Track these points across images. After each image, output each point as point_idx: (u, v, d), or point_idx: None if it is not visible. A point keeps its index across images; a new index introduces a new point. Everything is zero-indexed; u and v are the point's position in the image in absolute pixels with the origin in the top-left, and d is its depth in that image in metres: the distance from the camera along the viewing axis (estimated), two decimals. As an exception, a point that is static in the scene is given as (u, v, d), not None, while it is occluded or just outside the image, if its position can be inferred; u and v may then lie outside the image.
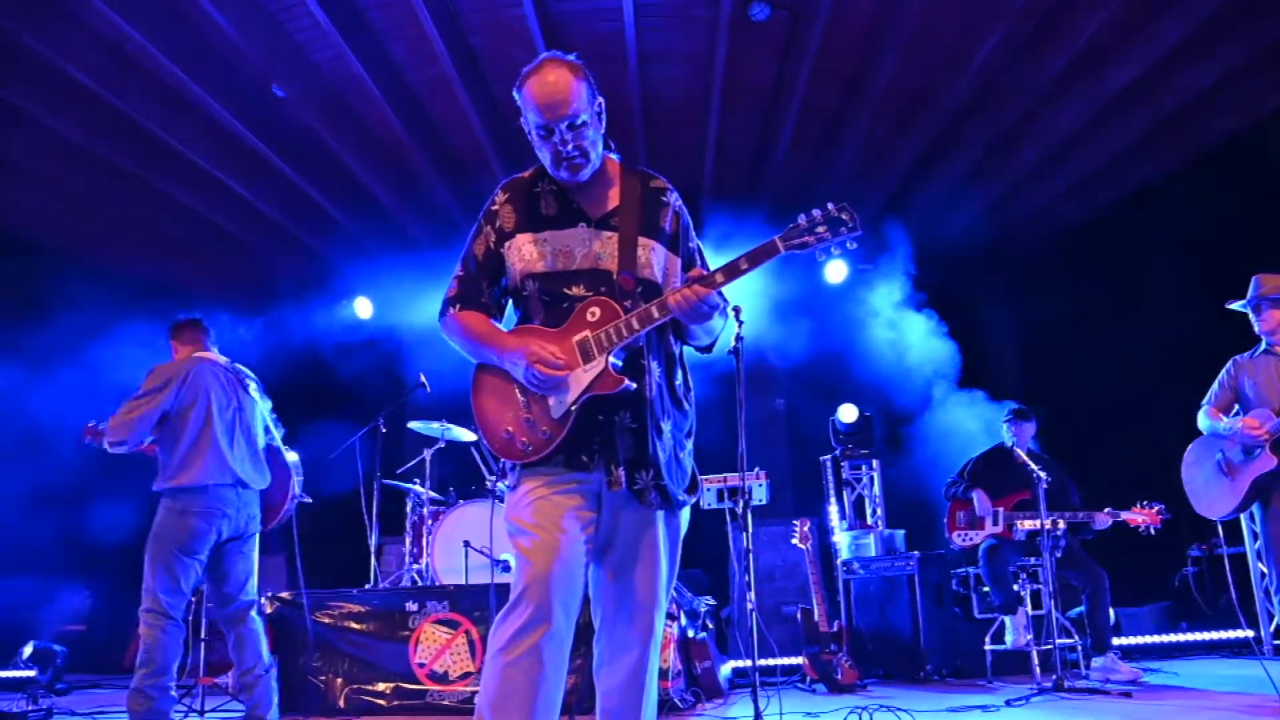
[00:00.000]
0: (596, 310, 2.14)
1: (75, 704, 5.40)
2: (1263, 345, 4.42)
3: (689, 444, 2.33)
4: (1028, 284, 7.63)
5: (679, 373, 2.32)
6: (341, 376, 7.76)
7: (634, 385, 2.13)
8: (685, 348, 2.38)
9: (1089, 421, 7.21)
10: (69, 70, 5.85)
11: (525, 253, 2.24)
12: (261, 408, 4.26)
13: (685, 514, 2.33)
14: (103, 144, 6.66)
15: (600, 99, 2.23)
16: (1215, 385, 4.57)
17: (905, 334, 7.52)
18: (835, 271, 7.99)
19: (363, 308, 8.43)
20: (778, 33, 6.15)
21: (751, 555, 3.60)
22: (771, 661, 5.83)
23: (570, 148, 2.16)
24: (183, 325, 4.18)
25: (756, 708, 3.44)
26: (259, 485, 4.09)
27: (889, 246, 7.82)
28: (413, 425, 6.21)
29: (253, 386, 4.23)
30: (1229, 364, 4.54)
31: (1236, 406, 4.47)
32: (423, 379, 6.08)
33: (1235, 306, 4.50)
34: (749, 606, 3.50)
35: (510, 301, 2.35)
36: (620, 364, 2.14)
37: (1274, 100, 6.63)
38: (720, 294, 2.13)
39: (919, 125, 7.13)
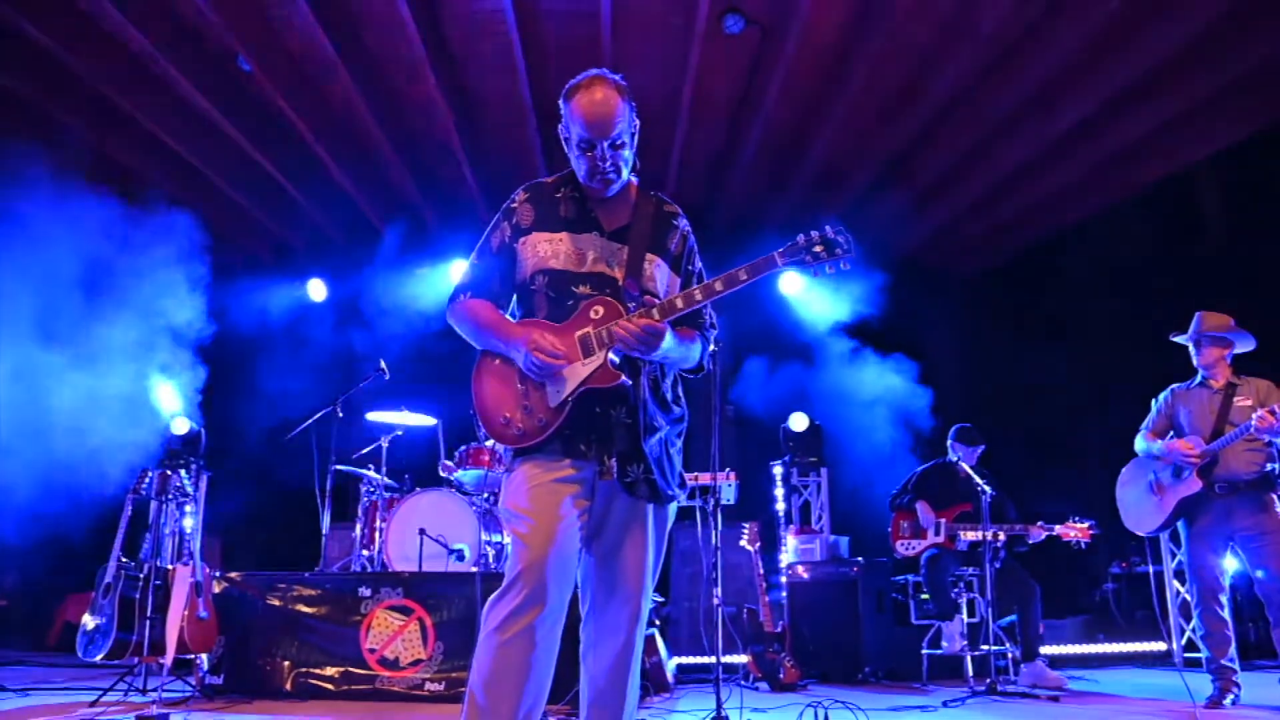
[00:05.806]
0: (600, 309, 2.24)
1: (3, 679, 5.22)
2: (1199, 377, 4.65)
3: (679, 443, 2.45)
4: (971, 307, 7.94)
5: (668, 379, 2.42)
6: (293, 358, 7.63)
7: (630, 381, 2.23)
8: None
9: (1022, 441, 7.54)
10: (20, 25, 5.64)
11: (540, 249, 2.33)
12: None
13: (672, 508, 2.42)
14: (56, 106, 6.45)
15: (637, 121, 2.34)
16: (1153, 412, 4.80)
17: (855, 349, 7.76)
18: (789, 283, 8.17)
19: (316, 290, 8.31)
20: (748, 47, 6.29)
21: (720, 553, 3.71)
22: (712, 659, 5.93)
23: (608, 164, 2.28)
24: None
25: (719, 700, 3.55)
26: None
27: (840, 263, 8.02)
28: (371, 416, 6.16)
29: None
30: (1166, 393, 4.77)
31: (1171, 433, 4.73)
32: (382, 365, 6.03)
33: (1178, 339, 4.72)
34: (715, 602, 3.61)
35: (516, 298, 2.42)
36: (618, 360, 2.23)
37: (1201, 149, 7.07)
38: (711, 314, 2.44)
39: (876, 148, 7.36)
